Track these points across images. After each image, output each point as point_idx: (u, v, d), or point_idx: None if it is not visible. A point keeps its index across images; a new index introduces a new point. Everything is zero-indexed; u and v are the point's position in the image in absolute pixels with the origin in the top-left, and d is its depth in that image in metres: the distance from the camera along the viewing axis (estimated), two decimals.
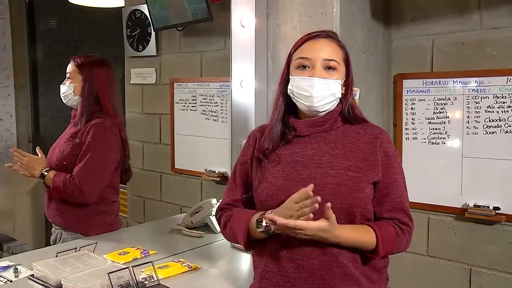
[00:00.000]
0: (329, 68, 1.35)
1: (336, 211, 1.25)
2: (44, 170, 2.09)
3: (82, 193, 2.01)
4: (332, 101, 1.37)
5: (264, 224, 1.30)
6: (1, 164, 3.98)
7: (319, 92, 1.33)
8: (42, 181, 2.10)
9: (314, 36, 1.38)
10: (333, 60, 1.35)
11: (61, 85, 2.21)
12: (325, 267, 1.29)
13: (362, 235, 1.30)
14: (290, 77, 1.38)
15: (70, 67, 2.19)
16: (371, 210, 1.35)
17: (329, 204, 1.19)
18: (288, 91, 1.39)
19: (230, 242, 1.98)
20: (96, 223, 2.12)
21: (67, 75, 2.19)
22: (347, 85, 1.40)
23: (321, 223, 1.22)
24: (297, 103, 1.38)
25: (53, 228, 2.21)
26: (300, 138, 1.39)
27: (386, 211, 1.35)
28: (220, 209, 1.50)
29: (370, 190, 1.33)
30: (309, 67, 1.35)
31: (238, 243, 1.44)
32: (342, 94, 1.39)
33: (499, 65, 1.98)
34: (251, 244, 1.39)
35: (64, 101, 2.21)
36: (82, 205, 2.08)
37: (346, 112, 1.40)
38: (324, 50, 1.35)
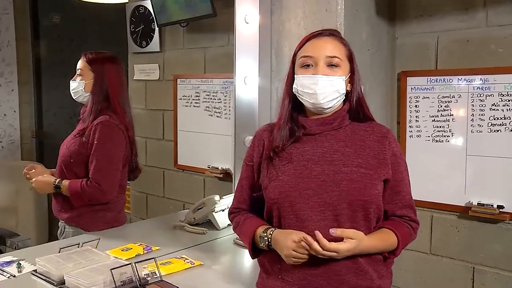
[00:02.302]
0: (332, 65, 1.36)
1: (352, 207, 1.30)
2: (57, 182, 2.09)
3: (103, 193, 2.04)
4: (337, 97, 1.37)
5: (265, 240, 1.35)
6: (5, 159, 4.01)
7: (323, 89, 1.34)
8: (59, 191, 2.10)
9: (316, 35, 1.39)
10: (335, 57, 1.36)
11: (71, 81, 2.19)
12: (341, 262, 1.30)
13: (387, 241, 1.35)
14: (295, 76, 1.39)
15: (81, 63, 2.18)
16: (382, 207, 1.37)
17: (332, 231, 1.24)
18: (294, 90, 1.39)
19: (233, 240, 2.00)
20: (97, 218, 2.12)
21: (78, 71, 2.18)
22: (353, 81, 1.40)
23: (351, 243, 1.25)
24: (302, 101, 1.39)
25: (59, 222, 2.22)
26: (310, 137, 1.39)
27: (399, 208, 1.40)
28: (230, 213, 1.54)
29: (381, 187, 1.36)
30: (312, 65, 1.36)
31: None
32: (347, 90, 1.40)
33: (504, 63, 1.96)
34: (257, 252, 1.43)
35: (74, 97, 2.20)
36: None
37: (354, 109, 1.41)
38: (327, 48, 1.36)
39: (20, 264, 1.66)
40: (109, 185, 2.05)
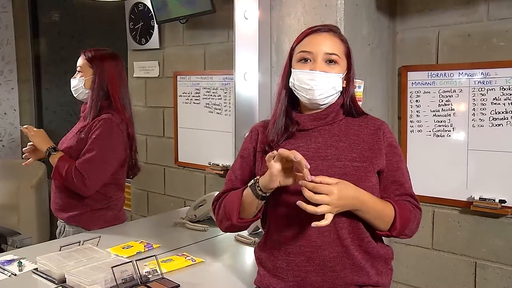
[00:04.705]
0: (330, 61, 1.36)
1: None
2: (51, 148, 2.07)
3: (84, 185, 2.00)
4: (333, 94, 1.37)
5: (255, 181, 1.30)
6: (6, 158, 4.01)
7: (320, 85, 1.34)
8: (53, 153, 2.07)
9: (316, 30, 1.38)
10: (334, 54, 1.35)
11: (71, 79, 2.20)
12: (336, 258, 1.30)
13: (383, 203, 1.31)
14: (292, 70, 1.39)
15: (80, 61, 2.18)
16: None
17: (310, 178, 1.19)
18: (290, 84, 1.39)
19: (234, 237, 1.99)
20: (98, 218, 2.11)
21: (78, 69, 2.18)
22: (348, 78, 1.40)
23: (334, 179, 1.21)
24: (298, 96, 1.38)
25: (58, 221, 2.21)
26: (304, 132, 1.39)
27: (395, 196, 1.37)
28: (216, 199, 1.47)
29: (376, 179, 1.35)
30: (310, 61, 1.36)
31: (230, 222, 1.37)
32: (343, 87, 1.39)
33: (506, 57, 1.95)
34: (243, 221, 1.36)
35: (75, 95, 2.20)
36: (85, 200, 2.08)
37: (347, 105, 1.41)
38: (326, 44, 1.35)
39: (21, 262, 1.66)
40: (93, 181, 2.02)
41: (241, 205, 1.34)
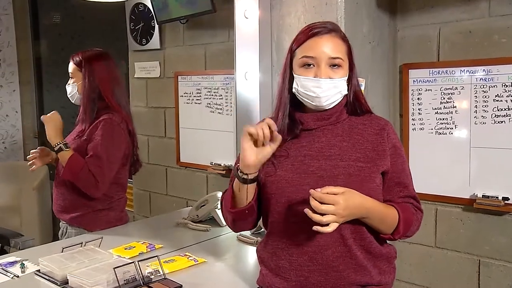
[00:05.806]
0: (334, 65, 1.33)
1: None
2: (63, 144, 2.01)
3: (96, 187, 2.01)
4: (339, 98, 1.36)
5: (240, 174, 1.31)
6: (8, 160, 4.01)
7: (326, 92, 1.32)
8: (64, 149, 2.01)
9: (316, 33, 1.35)
10: (338, 57, 1.33)
11: (66, 86, 2.20)
12: (339, 258, 1.30)
13: (387, 209, 1.31)
14: (295, 75, 1.36)
15: (70, 67, 2.18)
16: (382, 201, 1.35)
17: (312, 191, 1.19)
18: (294, 90, 1.36)
19: (236, 237, 1.99)
20: (100, 218, 2.11)
21: (70, 75, 2.18)
22: (351, 77, 1.39)
23: (339, 188, 1.20)
24: (303, 102, 1.37)
25: (60, 222, 2.22)
26: (307, 132, 1.38)
27: (398, 197, 1.37)
28: (222, 199, 1.49)
29: (380, 180, 1.34)
30: (313, 65, 1.33)
31: (230, 216, 1.39)
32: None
33: (507, 53, 1.94)
34: (236, 210, 1.36)
35: (72, 101, 2.21)
36: (87, 201, 2.08)
37: (351, 103, 1.40)
38: (329, 47, 1.33)
39: (24, 264, 1.67)
40: (104, 183, 2.03)
41: (233, 194, 1.36)
